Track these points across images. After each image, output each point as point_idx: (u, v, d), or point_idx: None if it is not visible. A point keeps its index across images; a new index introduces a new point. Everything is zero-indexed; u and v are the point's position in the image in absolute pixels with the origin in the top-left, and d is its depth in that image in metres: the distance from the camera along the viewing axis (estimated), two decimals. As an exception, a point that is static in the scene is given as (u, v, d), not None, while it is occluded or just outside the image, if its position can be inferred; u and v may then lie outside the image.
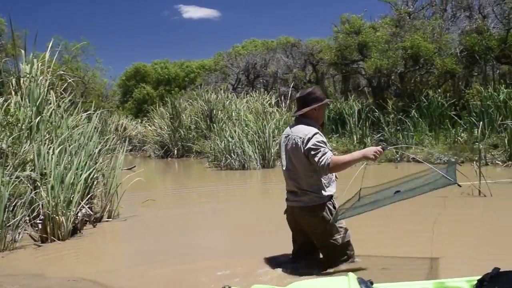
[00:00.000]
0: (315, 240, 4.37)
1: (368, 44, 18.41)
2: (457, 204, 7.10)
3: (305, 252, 4.48)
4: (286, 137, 4.41)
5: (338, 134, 17.56)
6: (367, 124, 16.72)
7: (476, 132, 13.68)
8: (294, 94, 25.16)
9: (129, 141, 23.09)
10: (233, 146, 14.90)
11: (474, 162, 10.98)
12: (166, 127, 21.84)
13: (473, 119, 14.34)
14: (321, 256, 4.45)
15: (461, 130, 14.64)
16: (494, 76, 18.76)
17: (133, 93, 48.06)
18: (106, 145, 8.18)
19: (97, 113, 8.62)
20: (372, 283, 2.45)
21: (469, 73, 18.18)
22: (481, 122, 13.60)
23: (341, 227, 4.26)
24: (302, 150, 4.19)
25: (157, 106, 24.39)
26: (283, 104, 20.07)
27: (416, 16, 20.71)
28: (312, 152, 4.11)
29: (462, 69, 17.39)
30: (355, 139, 16.52)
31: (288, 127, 4.51)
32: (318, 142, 4.16)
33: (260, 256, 4.85)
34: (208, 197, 10.28)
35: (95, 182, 7.44)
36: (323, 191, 4.24)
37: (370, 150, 4.13)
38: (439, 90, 18.07)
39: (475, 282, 2.39)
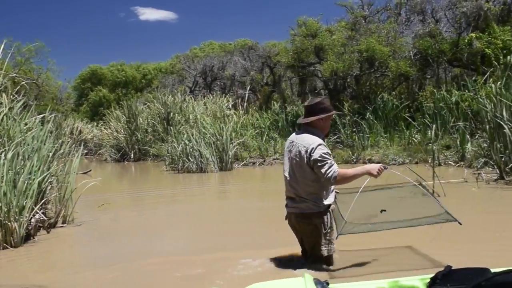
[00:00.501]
0: (306, 245, 4.47)
1: (324, 47, 18.58)
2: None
3: None
4: (290, 143, 4.50)
5: (295, 136, 17.65)
6: (324, 126, 16.84)
7: (429, 133, 13.94)
8: (251, 96, 25.33)
9: (85, 145, 22.78)
10: (191, 149, 14.81)
11: (428, 162, 11.25)
12: (122, 130, 21.56)
13: (427, 121, 14.63)
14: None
15: (415, 132, 14.91)
16: (446, 78, 19.17)
17: (89, 96, 47.35)
18: (60, 149, 8.02)
19: (51, 116, 8.45)
20: (328, 284, 2.47)
21: (422, 76, 18.54)
22: (434, 124, 13.90)
23: (330, 240, 4.34)
24: (305, 160, 4.26)
25: (114, 109, 24.07)
26: (241, 106, 20.14)
27: (371, 20, 21.04)
28: (319, 164, 4.19)
29: (415, 71, 17.72)
30: (312, 141, 16.63)
31: (294, 134, 4.60)
32: (324, 154, 4.22)
33: (217, 255, 4.85)
34: (165, 200, 10.22)
35: (49, 187, 7.27)
36: (321, 200, 4.30)
37: (373, 167, 4.26)
38: (394, 93, 18.42)
39: (428, 280, 2.43)
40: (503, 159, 9.27)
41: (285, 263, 4.54)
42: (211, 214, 8.37)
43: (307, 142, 4.31)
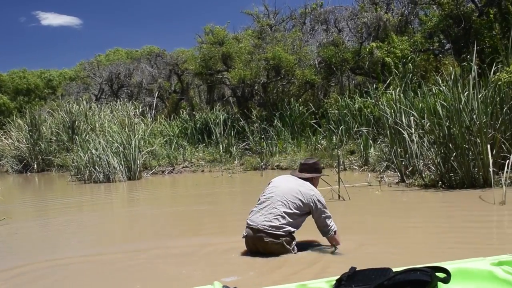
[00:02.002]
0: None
1: (231, 54, 18.71)
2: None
3: None
4: (295, 179, 4.92)
5: (204, 144, 17.65)
6: (232, 133, 16.98)
7: (334, 139, 14.41)
8: (159, 104, 25.06)
9: (-17, 156, 21.62)
10: (97, 158, 14.42)
11: (334, 167, 11.58)
12: (24, 140, 20.61)
13: (332, 127, 15.06)
14: None
15: (321, 138, 15.29)
16: (349, 86, 19.85)
17: (-13, 105, 44.97)
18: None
19: None
20: (236, 290, 2.49)
21: (327, 83, 19.08)
22: (339, 130, 14.37)
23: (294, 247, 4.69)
24: (311, 202, 4.67)
25: (15, 118, 23.00)
26: (149, 114, 19.84)
27: (277, 29, 21.42)
28: (326, 214, 4.70)
29: (320, 79, 18.20)
30: (221, 148, 16.71)
31: (292, 174, 5.13)
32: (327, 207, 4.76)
33: (123, 263, 4.79)
34: (71, 209, 9.90)
35: None
36: (290, 228, 4.63)
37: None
38: (300, 100, 18.83)
39: (334, 282, 2.51)
40: (403, 163, 9.71)
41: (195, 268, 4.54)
42: (118, 220, 8.33)
43: (312, 187, 4.83)
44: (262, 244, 4.59)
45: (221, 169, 15.01)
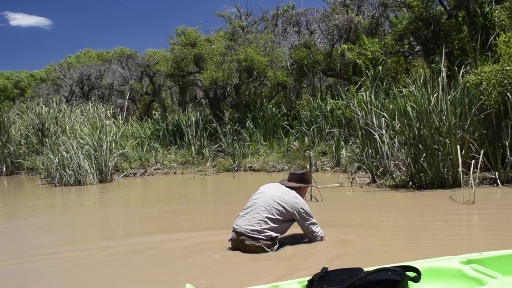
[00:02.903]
0: None
1: (203, 56, 18.65)
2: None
3: None
4: (281, 187, 5.11)
5: (176, 146, 17.56)
6: (205, 135, 16.92)
7: (306, 140, 14.47)
8: (131, 106, 24.84)
9: None
10: (68, 161, 14.24)
11: (306, 168, 11.62)
12: (-8, 142, 20.27)
13: (304, 128, 15.12)
14: None
15: (293, 139, 15.33)
16: (321, 87, 19.94)
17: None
18: None
19: None
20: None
21: (299, 85, 19.13)
22: (311, 131, 14.43)
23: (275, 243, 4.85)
24: (295, 210, 4.89)
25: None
26: (120, 116, 19.67)
27: (249, 30, 21.44)
28: (311, 221, 4.97)
29: (293, 81, 18.25)
30: (193, 150, 16.64)
31: (281, 183, 5.28)
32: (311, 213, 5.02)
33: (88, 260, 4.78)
34: (40, 211, 9.79)
35: None
36: (272, 233, 4.80)
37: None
38: (272, 101, 18.86)
39: (306, 282, 2.53)
40: (374, 164, 9.80)
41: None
42: (88, 221, 8.35)
43: (296, 196, 5.01)
44: (243, 247, 4.79)
45: (194, 171, 14.95)
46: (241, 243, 4.80)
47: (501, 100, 8.33)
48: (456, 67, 9.76)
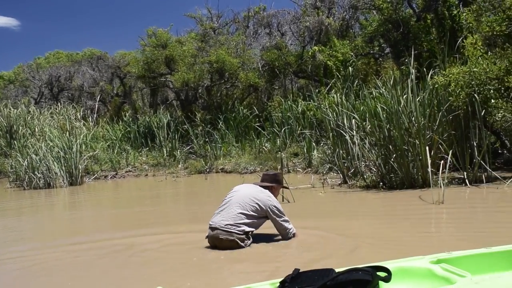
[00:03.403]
0: None
1: (175, 58, 18.57)
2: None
3: None
4: (255, 187, 5.30)
5: (148, 148, 17.44)
6: (176, 137, 16.85)
7: (278, 141, 14.51)
8: (101, 108, 24.58)
9: None
10: (37, 164, 14.04)
11: (278, 170, 11.66)
12: (-42, 145, 19.84)
13: (276, 130, 15.16)
14: None
15: (265, 140, 15.36)
16: (293, 89, 20.03)
17: None
18: None
19: None
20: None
21: (270, 87, 19.18)
22: (282, 132, 14.48)
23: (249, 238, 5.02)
24: (268, 207, 5.05)
25: None
26: (91, 118, 19.47)
27: (220, 32, 21.44)
28: (283, 218, 5.14)
29: (264, 82, 18.29)
30: (165, 152, 16.55)
31: (255, 184, 5.45)
32: (283, 211, 5.17)
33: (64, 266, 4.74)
34: (7, 213, 9.66)
35: None
36: (246, 228, 4.96)
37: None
38: (244, 103, 18.87)
39: (278, 284, 2.53)
40: (345, 165, 9.87)
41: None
42: (57, 222, 8.36)
43: (269, 194, 5.20)
44: (218, 242, 4.93)
45: (165, 173, 14.89)
46: (216, 238, 4.93)
47: (469, 101, 8.47)
48: (425, 69, 9.89)
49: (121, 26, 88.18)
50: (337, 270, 2.50)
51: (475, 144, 8.52)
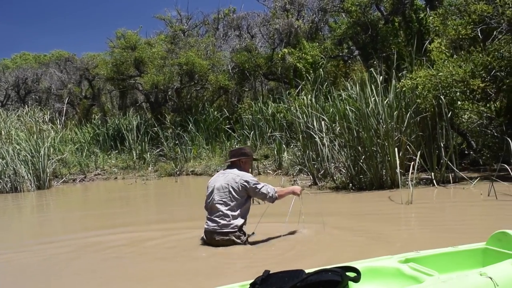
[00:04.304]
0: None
1: (144, 59, 18.45)
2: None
3: None
4: (222, 174, 5.41)
5: (117, 151, 17.27)
6: (146, 140, 16.74)
7: (249, 143, 14.52)
8: (69, 110, 24.26)
9: None
10: (4, 168, 13.78)
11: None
12: None
13: (246, 132, 15.17)
14: None
15: (235, 143, 15.35)
16: (263, 91, 20.07)
17: None
18: None
19: None
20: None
21: (240, 89, 19.18)
22: (252, 134, 14.49)
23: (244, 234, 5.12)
24: (240, 186, 5.12)
25: None
26: (59, 121, 19.18)
27: (190, 34, 21.38)
28: (259, 187, 5.17)
29: (234, 84, 18.30)
30: (134, 155, 16.42)
31: (222, 170, 5.68)
32: (256, 180, 5.24)
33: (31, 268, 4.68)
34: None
35: None
36: (236, 222, 5.06)
37: (297, 189, 5.60)
38: (214, 105, 18.84)
39: (248, 286, 2.53)
40: (315, 166, 9.94)
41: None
42: (25, 224, 8.33)
43: (238, 172, 5.24)
44: (215, 243, 5.06)
45: (135, 176, 14.78)
46: (212, 240, 5.07)
47: (435, 103, 8.61)
48: (394, 71, 10.01)
49: (90, 29, 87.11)
50: (307, 271, 2.52)
51: (442, 145, 8.67)
